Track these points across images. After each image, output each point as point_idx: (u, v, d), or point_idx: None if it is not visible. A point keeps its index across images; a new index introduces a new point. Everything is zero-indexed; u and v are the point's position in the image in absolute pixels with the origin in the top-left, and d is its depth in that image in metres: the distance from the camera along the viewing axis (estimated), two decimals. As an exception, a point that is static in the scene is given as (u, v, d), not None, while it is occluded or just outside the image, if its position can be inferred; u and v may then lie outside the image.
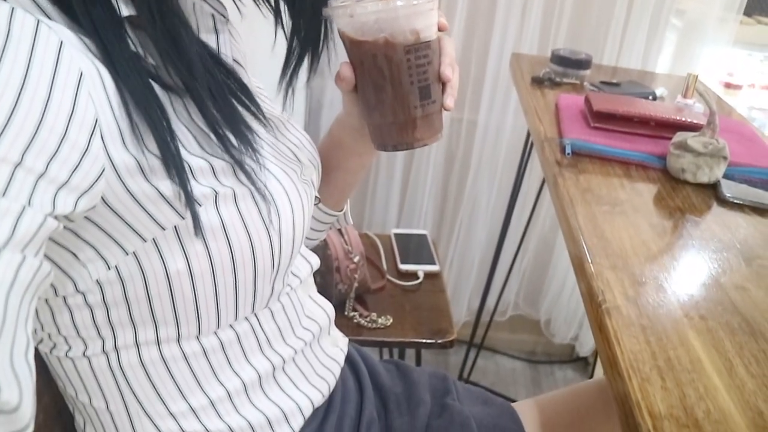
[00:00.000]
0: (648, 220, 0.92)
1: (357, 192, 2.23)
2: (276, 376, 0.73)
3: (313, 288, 0.81)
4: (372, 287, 1.42)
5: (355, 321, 1.34)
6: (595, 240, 0.85)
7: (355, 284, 1.34)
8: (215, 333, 0.65)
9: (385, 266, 1.53)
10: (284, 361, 0.73)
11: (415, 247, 1.61)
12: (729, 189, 1.01)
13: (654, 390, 0.61)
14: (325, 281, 1.33)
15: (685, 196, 1.01)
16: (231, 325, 0.66)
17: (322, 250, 1.33)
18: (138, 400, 0.65)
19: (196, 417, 0.67)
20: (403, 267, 1.53)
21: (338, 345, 0.84)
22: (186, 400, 0.66)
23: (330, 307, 0.83)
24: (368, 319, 1.34)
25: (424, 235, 1.67)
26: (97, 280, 0.58)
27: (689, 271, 0.81)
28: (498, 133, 2.12)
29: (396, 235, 1.65)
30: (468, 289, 2.35)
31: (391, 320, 1.35)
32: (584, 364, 2.41)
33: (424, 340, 1.32)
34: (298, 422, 0.73)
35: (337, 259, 1.32)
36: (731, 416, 0.59)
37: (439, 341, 1.32)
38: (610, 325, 0.70)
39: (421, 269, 1.52)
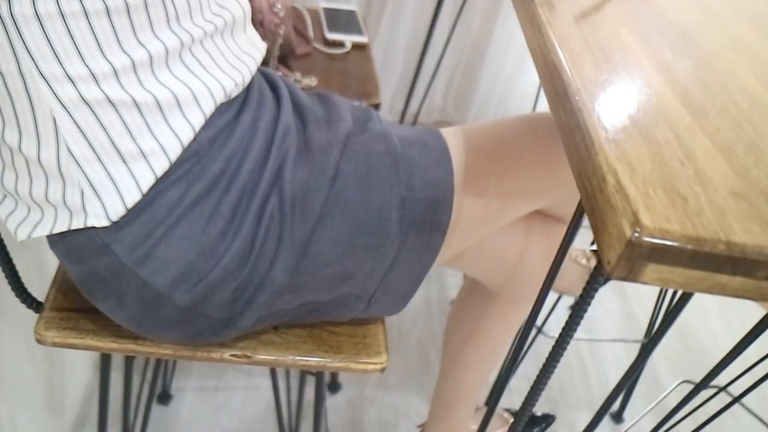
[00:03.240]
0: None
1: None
2: (182, 55, 0.68)
3: None
4: (297, 51, 1.36)
5: (278, 81, 1.29)
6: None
7: (280, 40, 1.27)
8: None
9: (312, 35, 1.46)
10: (193, 41, 0.68)
11: (343, 21, 1.54)
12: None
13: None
14: (247, 37, 1.26)
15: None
16: None
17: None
18: (32, 56, 0.59)
19: (96, 83, 0.63)
20: (330, 36, 1.47)
21: (255, 44, 0.80)
22: (85, 64, 0.61)
23: (246, 5, 0.78)
24: (292, 79, 1.30)
25: (353, 11, 1.60)
26: None
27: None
28: None
29: (325, 9, 1.58)
30: (390, 90, 2.31)
31: (316, 81, 1.31)
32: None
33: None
34: (208, 105, 0.69)
35: (261, 12, 1.25)
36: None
37: (366, 104, 1.29)
38: (544, 18, 0.67)
39: (348, 39, 1.46)
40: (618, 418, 1.72)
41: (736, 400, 0.87)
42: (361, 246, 0.78)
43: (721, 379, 1.13)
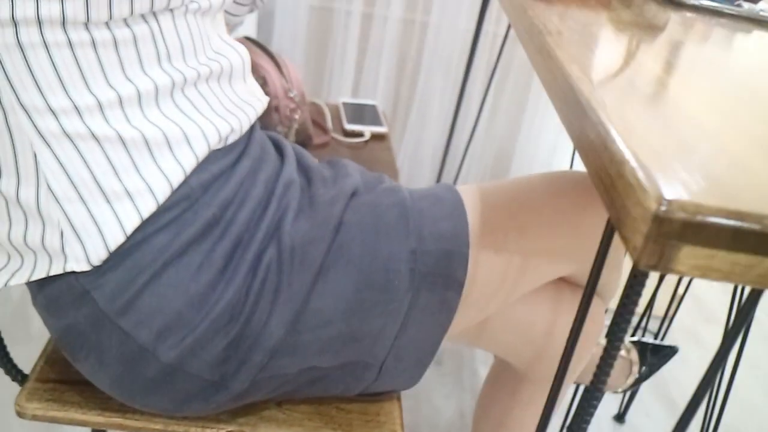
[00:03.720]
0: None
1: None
2: (174, 95, 0.65)
3: (224, 29, 0.74)
4: (315, 140, 1.34)
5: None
6: None
7: (295, 125, 1.26)
8: (107, 25, 0.58)
9: (330, 127, 1.45)
10: (185, 81, 0.66)
11: (363, 113, 1.54)
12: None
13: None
14: (263, 122, 1.25)
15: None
16: (126, 22, 0.59)
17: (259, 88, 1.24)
18: (12, 86, 0.57)
19: (79, 116, 0.59)
20: (349, 126, 1.45)
21: (256, 95, 0.77)
22: (68, 95, 0.58)
23: (246, 54, 0.75)
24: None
25: (373, 105, 1.60)
26: None
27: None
28: (450, 33, 2.07)
29: (344, 103, 1.58)
30: (423, 182, 2.30)
31: (333, 166, 1.28)
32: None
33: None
34: (200, 147, 0.66)
35: (276, 97, 1.24)
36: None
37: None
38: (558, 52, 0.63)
39: (367, 129, 1.45)
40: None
41: None
42: (368, 302, 0.71)
43: None
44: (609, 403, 1.81)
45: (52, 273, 0.64)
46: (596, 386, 0.66)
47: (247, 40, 1.32)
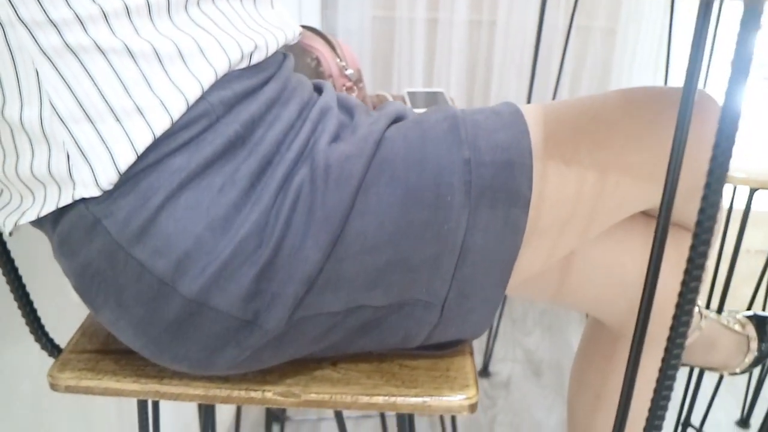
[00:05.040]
0: None
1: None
2: (189, 8, 0.59)
3: None
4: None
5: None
6: None
7: (353, 104, 1.19)
8: None
9: (394, 115, 1.38)
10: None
11: (429, 99, 1.46)
12: None
13: None
14: (319, 105, 1.18)
15: None
16: None
17: (313, 69, 1.19)
18: (10, 1, 0.52)
19: (82, 27, 0.54)
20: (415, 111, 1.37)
21: (286, 22, 0.70)
22: (69, 6, 0.53)
23: None
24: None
25: (440, 92, 1.51)
26: None
27: None
28: (521, 30, 1.98)
29: (409, 92, 1.50)
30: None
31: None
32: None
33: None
34: (219, 60, 0.59)
35: (331, 76, 1.18)
36: None
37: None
38: None
39: (433, 111, 1.36)
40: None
41: None
42: (418, 223, 0.61)
43: None
44: (731, 407, 1.61)
45: (62, 204, 0.57)
46: (674, 342, 0.54)
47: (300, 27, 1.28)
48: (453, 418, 1.38)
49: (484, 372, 1.81)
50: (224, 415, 1.47)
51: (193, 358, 0.62)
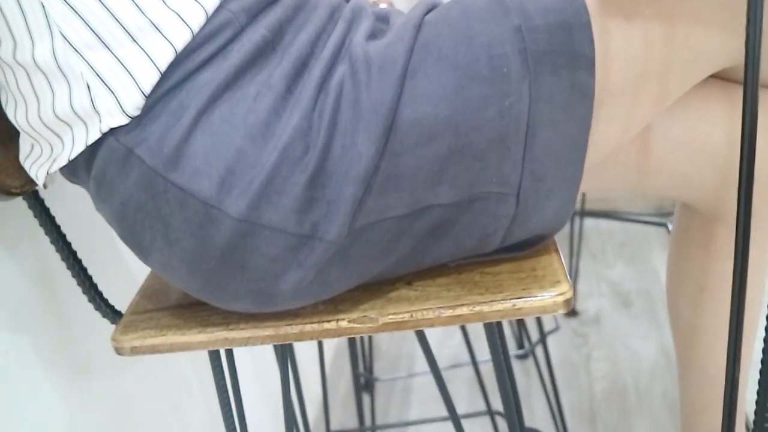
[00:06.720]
0: None
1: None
2: None
3: None
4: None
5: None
6: None
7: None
8: None
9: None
10: None
11: None
12: None
13: None
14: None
15: None
16: None
17: None
18: None
19: None
20: None
21: None
22: None
23: None
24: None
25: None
26: None
27: None
28: None
29: None
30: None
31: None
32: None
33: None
34: None
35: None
36: None
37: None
38: None
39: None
40: None
41: None
42: (476, 100, 0.55)
43: None
44: None
45: (91, 140, 0.53)
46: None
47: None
48: (548, 358, 1.31)
49: (571, 312, 1.72)
50: (312, 393, 1.44)
51: (255, 291, 0.57)
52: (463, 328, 1.07)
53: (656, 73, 0.61)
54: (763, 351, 0.56)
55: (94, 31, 0.51)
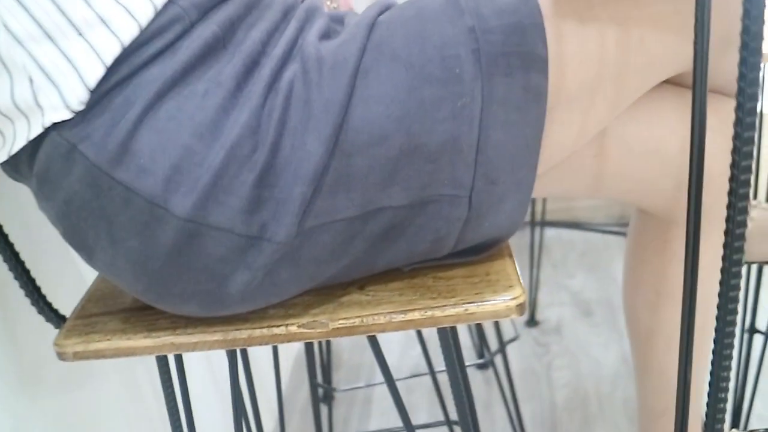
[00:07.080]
0: None
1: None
2: None
3: None
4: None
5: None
6: None
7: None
8: None
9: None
10: None
11: None
12: None
13: None
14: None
15: None
16: None
17: None
18: None
19: None
20: None
21: None
22: None
23: None
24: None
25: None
26: None
27: None
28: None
29: None
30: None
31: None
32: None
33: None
34: None
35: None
36: None
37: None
38: None
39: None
40: None
41: None
42: (428, 102, 0.54)
43: None
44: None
45: (32, 135, 0.52)
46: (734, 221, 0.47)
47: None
48: (507, 369, 1.30)
49: (532, 321, 1.73)
50: (269, 403, 1.41)
51: (202, 292, 0.55)
52: (421, 337, 1.06)
53: (611, 77, 0.62)
54: (713, 352, 0.56)
55: (38, 23, 0.50)
